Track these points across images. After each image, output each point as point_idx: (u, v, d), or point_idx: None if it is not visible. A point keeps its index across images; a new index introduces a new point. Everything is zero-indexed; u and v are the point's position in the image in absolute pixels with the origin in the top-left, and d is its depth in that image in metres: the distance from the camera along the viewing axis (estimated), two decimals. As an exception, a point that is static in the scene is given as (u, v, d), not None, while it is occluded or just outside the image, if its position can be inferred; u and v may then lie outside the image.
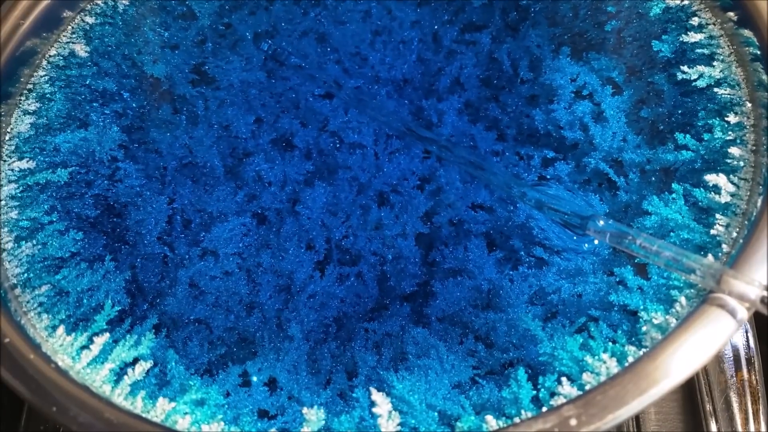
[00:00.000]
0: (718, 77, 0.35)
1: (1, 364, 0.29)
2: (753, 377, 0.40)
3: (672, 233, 0.33)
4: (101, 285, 0.36)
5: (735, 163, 0.33)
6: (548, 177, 0.42)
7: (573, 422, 0.26)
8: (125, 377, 0.30)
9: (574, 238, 0.37)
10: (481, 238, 0.40)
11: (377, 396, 0.30)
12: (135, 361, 0.32)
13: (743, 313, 0.27)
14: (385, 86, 0.45)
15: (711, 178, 0.32)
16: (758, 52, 0.34)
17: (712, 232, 0.31)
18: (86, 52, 0.41)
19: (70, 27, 0.40)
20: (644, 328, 0.29)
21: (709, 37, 0.36)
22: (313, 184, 0.42)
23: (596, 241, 0.37)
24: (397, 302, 0.39)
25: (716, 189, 0.32)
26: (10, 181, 0.36)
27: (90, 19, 0.41)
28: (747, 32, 0.34)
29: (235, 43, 0.46)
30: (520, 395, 0.29)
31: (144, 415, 0.29)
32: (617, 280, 0.35)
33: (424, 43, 0.46)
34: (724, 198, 0.32)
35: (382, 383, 0.33)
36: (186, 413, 0.30)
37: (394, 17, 0.46)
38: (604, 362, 0.28)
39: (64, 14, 0.40)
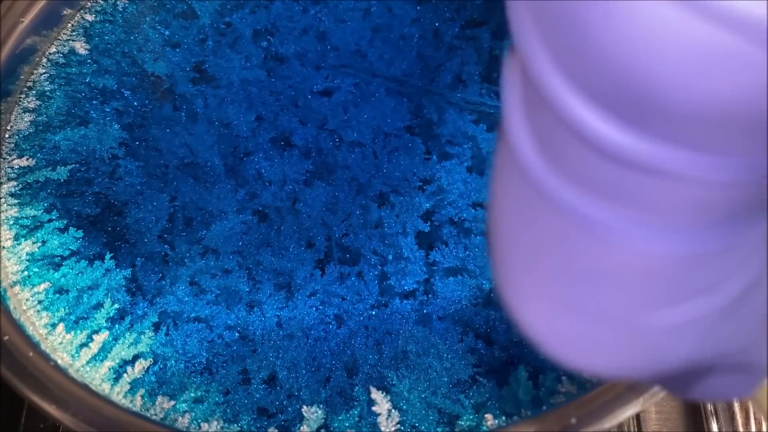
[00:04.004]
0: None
1: (1, 361, 0.29)
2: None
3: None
4: (101, 283, 0.36)
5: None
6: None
7: (573, 420, 0.26)
8: (125, 375, 0.31)
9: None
10: (482, 236, 0.39)
11: (377, 394, 0.30)
12: (135, 359, 0.32)
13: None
14: (384, 83, 0.45)
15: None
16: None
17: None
18: (86, 49, 0.41)
19: (70, 25, 0.40)
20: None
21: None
22: (312, 184, 0.42)
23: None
24: (398, 300, 0.39)
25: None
26: (9, 179, 0.36)
27: (90, 17, 0.41)
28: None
29: (236, 42, 0.46)
30: (520, 394, 0.29)
31: (143, 413, 0.29)
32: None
33: (425, 40, 0.46)
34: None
35: (382, 381, 0.33)
36: (185, 411, 0.30)
37: (394, 15, 0.46)
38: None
39: (64, 12, 0.40)
